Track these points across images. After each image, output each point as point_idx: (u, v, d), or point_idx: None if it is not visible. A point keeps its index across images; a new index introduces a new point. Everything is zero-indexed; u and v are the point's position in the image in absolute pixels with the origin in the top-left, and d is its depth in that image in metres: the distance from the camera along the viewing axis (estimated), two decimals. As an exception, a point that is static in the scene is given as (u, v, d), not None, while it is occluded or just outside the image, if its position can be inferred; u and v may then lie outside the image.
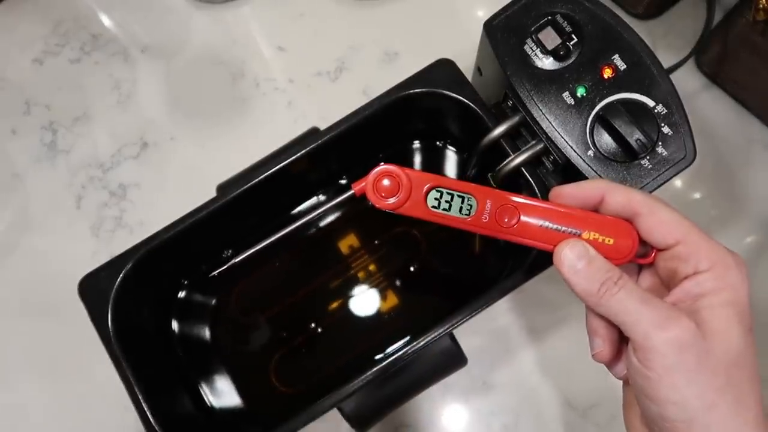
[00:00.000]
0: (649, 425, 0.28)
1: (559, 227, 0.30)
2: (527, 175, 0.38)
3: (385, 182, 0.32)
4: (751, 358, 0.26)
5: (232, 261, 0.47)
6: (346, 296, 0.46)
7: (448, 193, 0.31)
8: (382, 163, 0.32)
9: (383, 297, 0.46)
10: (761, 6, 0.43)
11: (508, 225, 0.31)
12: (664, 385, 0.26)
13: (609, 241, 0.29)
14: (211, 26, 0.57)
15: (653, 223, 0.28)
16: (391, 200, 0.32)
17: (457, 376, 0.43)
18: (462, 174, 0.47)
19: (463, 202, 0.31)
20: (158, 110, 0.55)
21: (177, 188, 0.53)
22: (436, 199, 0.31)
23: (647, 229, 0.29)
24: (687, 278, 0.28)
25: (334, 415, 0.39)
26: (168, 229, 0.39)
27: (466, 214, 0.31)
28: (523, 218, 0.31)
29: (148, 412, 0.36)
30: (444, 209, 0.31)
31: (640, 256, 0.30)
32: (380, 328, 0.45)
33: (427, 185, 0.31)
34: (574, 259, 0.29)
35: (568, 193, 0.30)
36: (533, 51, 0.36)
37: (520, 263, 0.38)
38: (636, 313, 0.27)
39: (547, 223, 0.30)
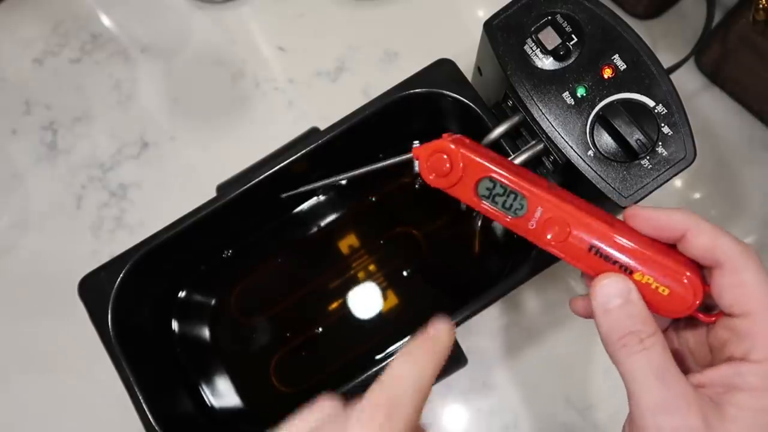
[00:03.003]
0: None
1: (611, 259, 0.26)
2: (527, 175, 0.38)
3: (442, 157, 0.29)
4: None
5: (232, 261, 0.47)
6: (346, 296, 0.46)
7: (501, 187, 0.29)
8: (446, 134, 0.30)
9: (383, 297, 0.46)
10: (761, 6, 0.43)
11: (554, 238, 0.28)
12: None
13: (664, 290, 0.25)
14: (211, 26, 0.57)
15: (731, 282, 0.24)
16: (442, 178, 0.29)
17: (457, 376, 0.43)
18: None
19: (514, 201, 0.29)
20: (158, 110, 0.55)
21: (177, 188, 0.53)
22: (487, 188, 0.29)
23: (721, 286, 0.24)
24: (731, 361, 0.24)
25: (334, 415, 0.39)
26: (168, 229, 0.39)
27: (513, 214, 0.29)
28: (574, 236, 0.27)
29: (148, 412, 0.36)
30: (492, 203, 0.29)
31: (701, 311, 0.26)
32: (380, 328, 0.45)
33: (482, 173, 0.29)
34: (610, 295, 0.25)
35: (645, 216, 0.27)
36: (533, 51, 0.36)
37: (520, 263, 0.38)
38: (643, 385, 0.23)
39: (598, 249, 0.27)
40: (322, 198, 0.48)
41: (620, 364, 0.25)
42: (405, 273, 0.46)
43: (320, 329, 0.46)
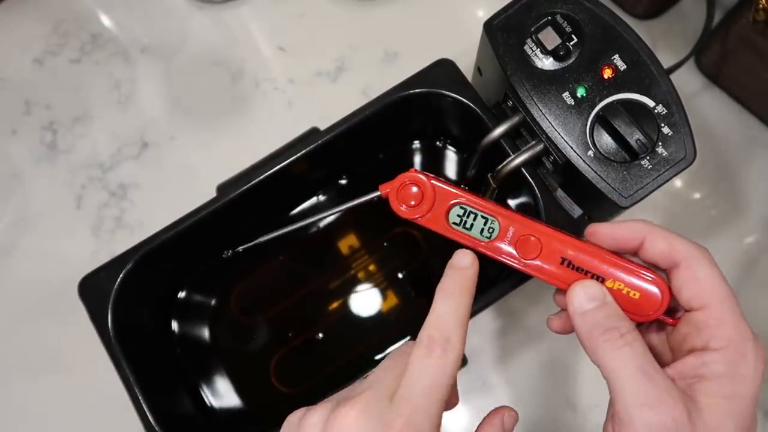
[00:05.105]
0: None
1: (583, 269, 0.28)
2: (527, 175, 0.38)
3: (411, 189, 0.30)
4: None
5: (233, 261, 0.47)
6: (346, 296, 0.46)
7: (472, 212, 0.30)
8: (413, 169, 0.31)
9: (383, 297, 0.46)
10: (761, 6, 0.43)
11: (526, 257, 0.29)
12: None
13: (634, 294, 0.27)
14: (211, 26, 0.57)
15: (687, 278, 0.26)
16: (413, 209, 0.30)
17: (457, 376, 0.43)
18: (462, 174, 0.47)
19: (485, 224, 0.30)
20: (158, 110, 0.55)
21: (177, 188, 0.53)
22: (458, 216, 0.30)
23: (679, 283, 0.26)
24: (693, 352, 0.25)
25: (334, 415, 0.39)
26: (168, 229, 0.39)
27: (486, 237, 0.30)
28: (546, 251, 0.29)
29: (148, 412, 0.36)
30: (465, 228, 0.30)
31: (665, 314, 0.28)
32: (380, 328, 0.45)
33: (452, 200, 0.30)
34: (585, 299, 0.27)
35: (604, 233, 0.28)
36: (533, 51, 0.36)
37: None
38: (628, 381, 0.24)
39: (570, 263, 0.28)
40: (322, 198, 0.48)
41: (603, 361, 0.25)
42: (405, 273, 0.46)
43: (320, 329, 0.46)
